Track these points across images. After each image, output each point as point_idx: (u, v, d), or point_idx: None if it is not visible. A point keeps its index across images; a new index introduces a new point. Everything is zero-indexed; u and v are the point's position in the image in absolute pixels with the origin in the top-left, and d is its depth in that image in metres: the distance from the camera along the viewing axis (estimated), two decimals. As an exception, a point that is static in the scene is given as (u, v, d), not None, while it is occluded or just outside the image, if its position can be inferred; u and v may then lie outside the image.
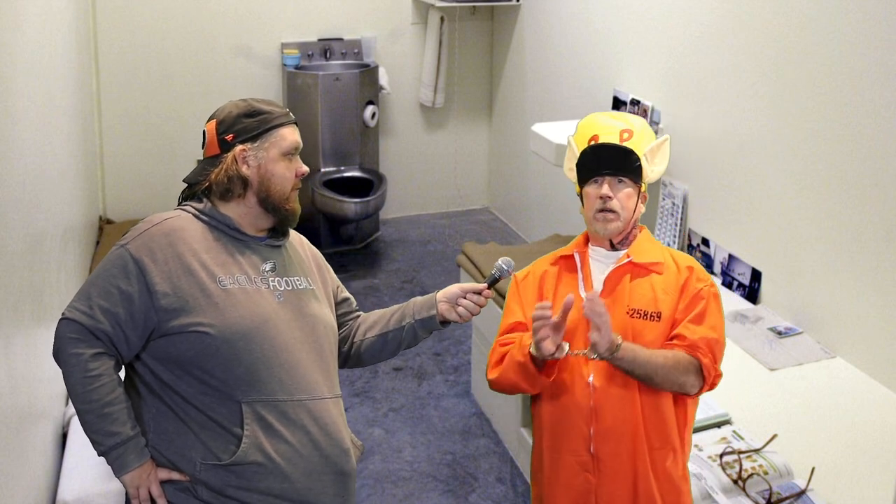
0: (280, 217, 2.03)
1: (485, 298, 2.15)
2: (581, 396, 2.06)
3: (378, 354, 2.24)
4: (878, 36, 2.92)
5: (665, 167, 2.18)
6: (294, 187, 2.04)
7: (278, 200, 2.01)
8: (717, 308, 2.09)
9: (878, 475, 2.50)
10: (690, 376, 2.02)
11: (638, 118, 2.18)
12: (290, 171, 2.03)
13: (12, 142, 2.41)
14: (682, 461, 2.11)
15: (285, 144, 2.02)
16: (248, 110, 2.02)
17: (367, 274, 5.36)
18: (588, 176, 2.12)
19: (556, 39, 5.25)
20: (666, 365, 1.99)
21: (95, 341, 1.89)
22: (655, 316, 2.06)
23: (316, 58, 5.73)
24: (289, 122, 2.05)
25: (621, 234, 2.13)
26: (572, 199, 5.20)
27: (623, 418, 2.04)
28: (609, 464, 2.05)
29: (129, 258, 1.92)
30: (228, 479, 1.91)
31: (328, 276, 2.23)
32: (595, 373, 2.05)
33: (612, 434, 2.04)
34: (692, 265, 2.12)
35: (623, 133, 2.10)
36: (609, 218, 2.09)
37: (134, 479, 1.91)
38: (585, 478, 2.07)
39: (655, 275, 2.10)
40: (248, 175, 2.00)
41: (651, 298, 2.07)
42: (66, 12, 4.02)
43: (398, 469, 3.57)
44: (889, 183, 2.90)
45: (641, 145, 2.10)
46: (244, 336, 1.92)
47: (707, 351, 2.03)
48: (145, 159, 5.53)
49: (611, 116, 2.17)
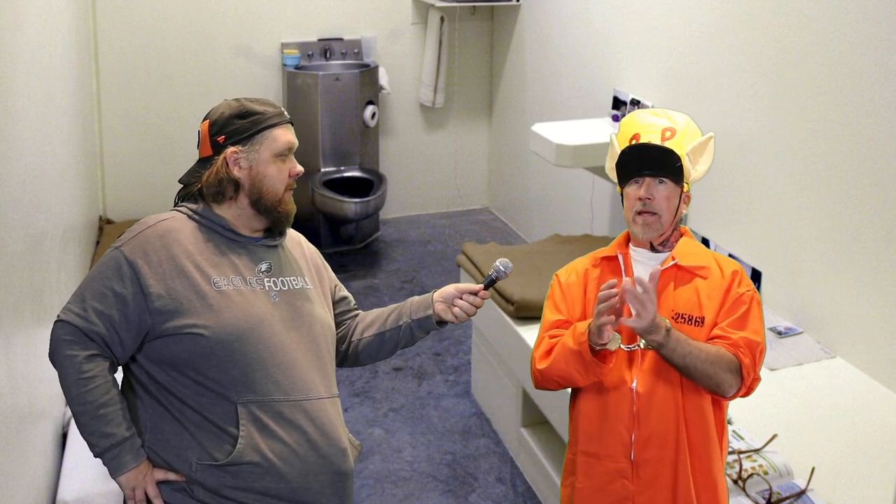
0: (273, 218, 2.02)
1: (481, 300, 2.12)
2: (623, 402, 2.02)
3: (375, 354, 2.23)
4: (878, 36, 2.92)
5: (709, 166, 2.10)
6: (288, 188, 2.03)
7: (271, 202, 2.00)
8: (758, 314, 2.04)
9: (878, 475, 2.50)
10: (729, 375, 1.97)
11: (682, 115, 2.11)
12: (282, 172, 2.01)
13: (12, 142, 2.41)
14: (722, 465, 2.08)
15: (277, 145, 2.00)
16: (239, 111, 2.00)
17: (367, 274, 5.36)
18: (628, 176, 2.06)
19: (556, 39, 5.25)
20: (709, 359, 1.94)
21: (90, 343, 1.90)
22: (699, 321, 2.02)
23: (316, 58, 5.73)
24: (282, 122, 2.02)
25: (662, 236, 2.07)
26: (572, 199, 5.22)
27: (666, 424, 2.00)
28: (649, 470, 2.02)
29: (124, 260, 1.92)
30: (224, 480, 1.90)
31: (326, 275, 2.22)
32: (639, 378, 2.02)
33: (655, 440, 2.01)
34: (737, 269, 2.07)
35: (665, 131, 2.04)
36: (648, 221, 2.04)
37: (130, 480, 1.91)
38: (623, 484, 2.03)
39: (700, 279, 2.05)
40: (240, 177, 1.99)
41: (695, 303, 2.03)
42: (66, 12, 4.02)
43: (398, 469, 3.57)
44: (889, 183, 2.90)
45: (684, 144, 2.04)
46: (238, 337, 1.91)
47: (748, 352, 1.98)
48: (145, 159, 5.53)
49: (654, 114, 2.11)
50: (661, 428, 2.00)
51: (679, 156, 2.02)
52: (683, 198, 2.07)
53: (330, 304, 2.18)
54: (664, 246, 2.09)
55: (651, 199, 2.02)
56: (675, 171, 2.02)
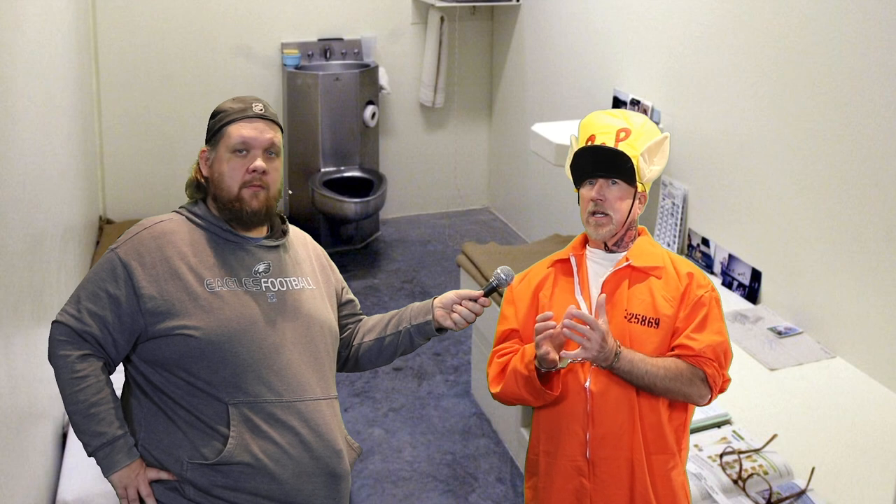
0: (232, 216, 2.01)
1: (481, 307, 2.11)
2: (577, 401, 2.04)
3: (375, 359, 2.22)
4: (878, 36, 2.92)
5: (664, 166, 2.13)
6: (245, 184, 1.99)
7: (226, 199, 2.00)
8: (719, 313, 2.06)
9: (878, 475, 2.50)
10: (694, 388, 2.00)
11: (639, 116, 2.13)
12: (237, 168, 1.99)
13: (12, 142, 2.41)
14: (680, 466, 2.09)
15: (231, 141, 1.99)
16: (215, 110, 2.04)
17: (367, 274, 5.36)
18: (582, 177, 2.09)
19: (556, 39, 5.25)
20: (668, 376, 1.98)
21: (83, 343, 1.92)
22: (654, 322, 2.03)
23: (316, 58, 5.73)
24: (241, 117, 2.00)
25: (615, 236, 2.09)
26: (572, 199, 5.20)
27: (620, 424, 2.02)
28: (605, 469, 2.04)
29: (118, 262, 1.94)
30: (215, 479, 1.91)
31: (333, 276, 2.21)
32: (592, 378, 2.03)
33: (609, 439, 2.03)
34: (692, 271, 2.09)
35: (620, 132, 2.06)
36: (601, 222, 2.06)
37: (122, 479, 1.92)
38: (580, 482, 2.05)
39: (654, 279, 2.07)
40: (208, 176, 2.03)
41: (650, 304, 2.04)
42: (66, 12, 4.02)
43: (398, 469, 3.57)
44: (889, 183, 2.90)
45: (639, 144, 2.06)
46: (230, 339, 1.91)
47: (712, 359, 2.00)
48: (145, 159, 5.53)
49: (610, 115, 2.13)
50: (615, 427, 2.02)
51: (631, 157, 2.03)
52: (639, 197, 2.09)
53: (335, 305, 2.17)
54: (618, 246, 2.11)
55: (602, 200, 2.05)
56: (626, 173, 2.04)
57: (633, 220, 2.11)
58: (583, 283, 2.10)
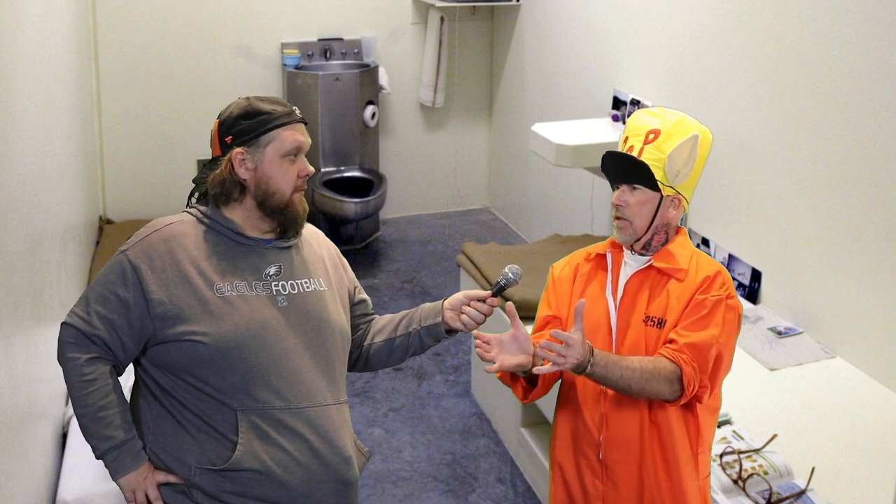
0: (282, 220, 1.98)
1: (490, 307, 2.09)
2: (593, 403, 2.06)
3: (386, 360, 2.20)
4: (878, 36, 2.92)
5: (696, 167, 2.06)
6: (297, 189, 1.98)
7: (278, 204, 1.96)
8: (722, 318, 1.99)
9: (878, 475, 2.50)
10: (666, 386, 1.95)
11: (675, 114, 2.06)
12: (290, 173, 1.96)
13: (12, 142, 2.41)
14: (695, 476, 2.05)
15: (284, 146, 1.95)
16: (247, 111, 1.96)
17: (367, 274, 5.36)
18: (610, 181, 2.08)
19: (556, 39, 5.25)
20: (643, 377, 1.93)
21: (92, 346, 1.91)
22: (662, 323, 2.01)
23: (316, 58, 5.73)
24: (290, 121, 1.97)
25: (639, 240, 2.06)
26: (572, 199, 5.22)
27: (632, 428, 2.02)
28: (616, 471, 2.04)
29: (128, 265, 1.92)
30: (223, 485, 1.90)
31: (345, 275, 2.17)
32: None
33: (621, 443, 2.03)
34: (710, 275, 2.02)
35: (649, 134, 2.02)
36: (622, 226, 2.05)
37: (130, 483, 1.91)
38: (594, 482, 2.07)
39: (675, 281, 2.03)
40: (246, 178, 1.95)
41: (665, 306, 2.02)
42: (66, 12, 4.02)
43: (398, 469, 3.57)
44: (889, 183, 2.90)
45: (666, 146, 2.00)
46: (238, 345, 1.90)
47: (693, 358, 1.95)
48: (145, 159, 5.53)
49: (648, 114, 2.07)
50: (626, 431, 2.03)
51: (649, 164, 2.00)
52: (670, 202, 2.04)
53: (347, 305, 2.14)
54: (646, 250, 2.08)
55: (623, 205, 2.03)
56: (646, 179, 2.01)
57: (661, 225, 2.05)
58: (614, 281, 2.09)
